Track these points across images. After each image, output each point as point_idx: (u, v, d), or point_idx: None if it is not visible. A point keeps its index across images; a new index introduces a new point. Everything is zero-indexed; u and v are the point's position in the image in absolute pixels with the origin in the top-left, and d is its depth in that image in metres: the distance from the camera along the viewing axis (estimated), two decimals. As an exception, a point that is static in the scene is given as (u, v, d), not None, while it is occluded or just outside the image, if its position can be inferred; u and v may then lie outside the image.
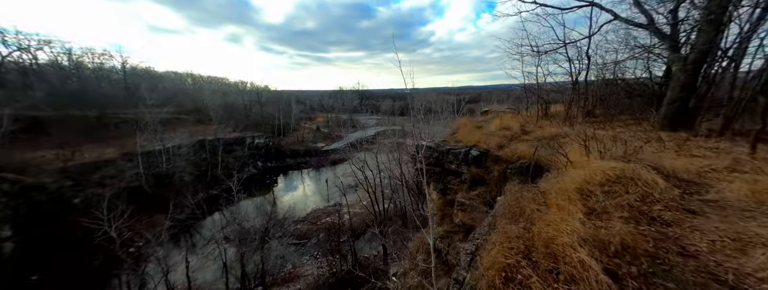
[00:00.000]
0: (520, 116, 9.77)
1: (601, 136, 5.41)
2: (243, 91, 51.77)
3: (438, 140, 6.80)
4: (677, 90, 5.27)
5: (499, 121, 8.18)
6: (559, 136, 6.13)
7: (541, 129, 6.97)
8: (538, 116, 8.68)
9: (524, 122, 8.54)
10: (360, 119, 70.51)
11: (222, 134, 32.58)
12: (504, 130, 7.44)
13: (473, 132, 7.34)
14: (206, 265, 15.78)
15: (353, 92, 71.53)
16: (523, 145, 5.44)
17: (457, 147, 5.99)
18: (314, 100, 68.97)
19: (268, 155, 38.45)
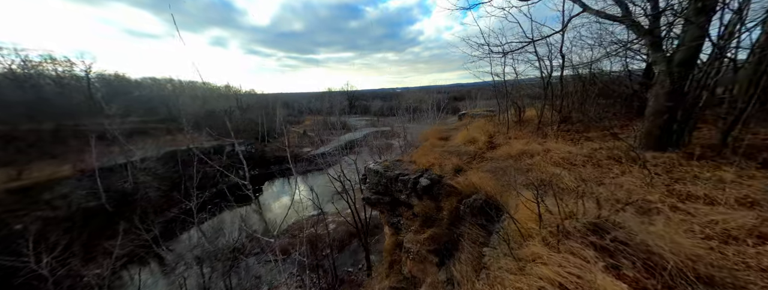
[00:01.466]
0: (493, 122, 8.74)
1: (572, 157, 4.32)
2: (225, 95, 49.65)
3: (391, 160, 5.67)
4: (662, 99, 4.20)
5: (466, 133, 7.10)
6: (525, 154, 5.06)
7: (509, 144, 5.88)
8: (508, 123, 7.61)
9: (495, 131, 7.48)
10: (350, 121, 69.00)
11: (197, 143, 30.72)
12: (469, 143, 6.37)
13: (432, 148, 6.23)
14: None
15: (342, 93, 69.88)
16: (480, 173, 4.32)
17: (407, 173, 4.86)
18: (302, 103, 67.14)
19: (250, 163, 36.76)
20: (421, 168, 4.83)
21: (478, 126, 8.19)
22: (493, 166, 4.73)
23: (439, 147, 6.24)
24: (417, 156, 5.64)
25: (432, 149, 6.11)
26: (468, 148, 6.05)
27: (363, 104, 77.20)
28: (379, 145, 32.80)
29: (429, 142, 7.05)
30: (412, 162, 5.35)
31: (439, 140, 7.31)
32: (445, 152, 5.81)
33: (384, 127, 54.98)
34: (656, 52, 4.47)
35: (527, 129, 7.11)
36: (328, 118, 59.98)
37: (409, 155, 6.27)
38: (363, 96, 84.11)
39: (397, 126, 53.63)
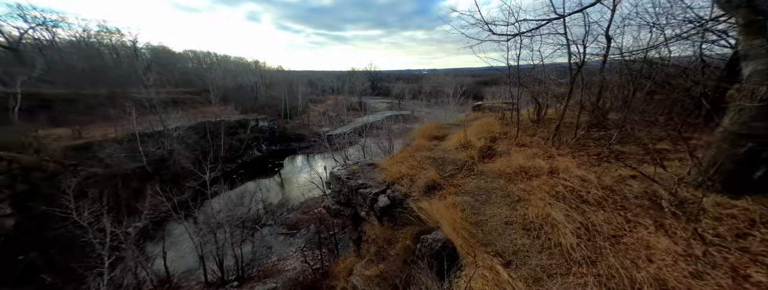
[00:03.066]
0: (505, 120, 7.20)
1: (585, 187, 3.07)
2: (254, 71, 51.03)
3: (361, 164, 4.82)
4: (750, 113, 2.64)
5: (463, 134, 5.83)
6: (524, 174, 3.85)
7: (509, 154, 4.61)
8: (518, 123, 6.04)
9: (501, 133, 6.09)
10: (370, 102, 67.84)
11: (225, 116, 32.53)
12: (462, 148, 5.20)
13: (415, 152, 5.20)
14: (191, 253, 15.79)
15: (364, 74, 67.92)
16: (454, 198, 3.30)
17: (369, 185, 4.06)
18: (325, 82, 67.02)
19: (272, 138, 38.47)
20: (388, 180, 3.96)
21: (483, 124, 6.80)
22: (476, 187, 3.67)
23: (424, 151, 5.19)
24: (391, 162, 4.72)
25: (414, 153, 5.08)
26: (458, 156, 4.89)
27: (385, 86, 74.78)
28: (398, 129, 31.67)
29: (417, 142, 5.95)
30: (383, 169, 4.48)
31: (429, 140, 6.16)
32: (427, 159, 4.77)
33: (404, 111, 53.05)
34: (753, 39, 2.75)
35: (543, 133, 5.62)
36: (350, 99, 59.49)
37: (387, 158, 5.35)
38: (386, 77, 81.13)
39: (419, 110, 51.34)
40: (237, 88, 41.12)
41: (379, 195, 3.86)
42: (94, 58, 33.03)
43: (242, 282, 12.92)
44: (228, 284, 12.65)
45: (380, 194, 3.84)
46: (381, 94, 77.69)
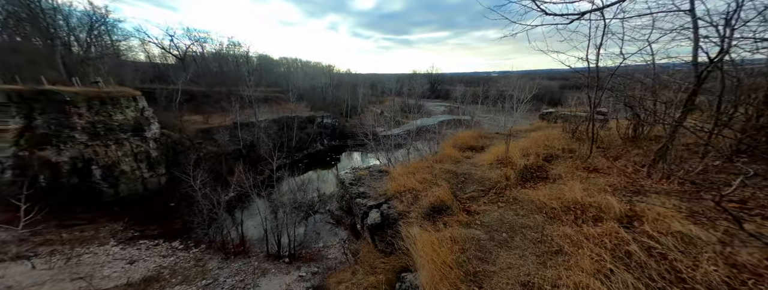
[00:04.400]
0: (574, 134, 5.36)
1: (692, 258, 1.85)
2: (325, 74, 57.64)
3: (374, 169, 4.43)
4: None
5: (503, 148, 4.63)
6: (579, 212, 2.61)
7: (565, 183, 3.27)
8: (593, 140, 4.32)
9: (565, 150, 4.52)
10: (427, 105, 66.14)
11: (298, 112, 37.91)
12: (499, 165, 4.11)
13: (436, 163, 4.39)
14: (259, 226, 18.92)
15: (424, 76, 66.68)
16: (459, 231, 2.49)
17: (367, 195, 3.63)
18: (385, 85, 69.40)
19: (333, 134, 42.52)
20: (389, 192, 3.43)
21: (542, 137, 5.27)
22: (499, 220, 2.73)
23: (447, 163, 4.35)
24: (404, 171, 4.12)
25: (433, 164, 4.31)
26: (489, 174, 3.87)
27: (445, 88, 71.33)
28: (452, 134, 29.60)
29: (445, 151, 5.09)
30: (391, 178, 3.96)
31: (460, 151, 5.16)
32: (447, 173, 3.96)
33: (463, 116, 49.24)
34: None
35: (637, 156, 3.83)
36: (407, 101, 59.63)
37: (399, 166, 4.72)
38: (447, 79, 77.24)
39: (480, 116, 46.57)
40: (311, 89, 47.34)
41: (372, 209, 3.37)
42: (223, 64, 44.47)
43: (292, 260, 14.42)
44: (281, 259, 14.38)
45: (374, 208, 3.31)
46: (440, 96, 74.68)
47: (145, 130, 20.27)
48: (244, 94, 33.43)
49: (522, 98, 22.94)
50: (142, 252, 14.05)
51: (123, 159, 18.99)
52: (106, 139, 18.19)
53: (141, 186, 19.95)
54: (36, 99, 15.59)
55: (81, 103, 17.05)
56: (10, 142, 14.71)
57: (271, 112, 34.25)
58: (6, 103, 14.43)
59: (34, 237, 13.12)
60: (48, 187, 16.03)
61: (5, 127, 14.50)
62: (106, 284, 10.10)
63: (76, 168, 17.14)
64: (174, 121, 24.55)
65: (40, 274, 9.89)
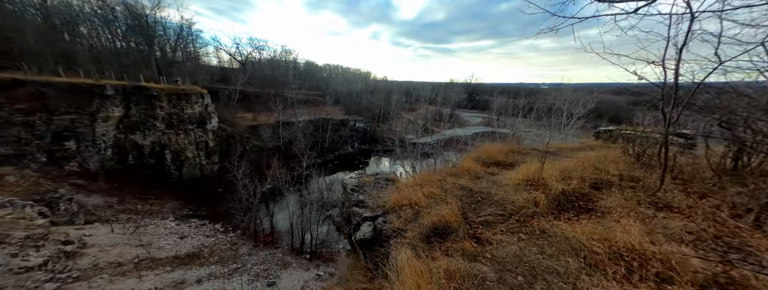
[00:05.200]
0: (641, 158, 4.39)
1: None
2: (362, 79, 59.85)
3: (381, 177, 4.22)
4: None
5: (534, 167, 4.01)
6: (636, 261, 2.07)
7: (616, 219, 2.66)
8: (664, 164, 3.35)
9: (623, 177, 3.74)
10: (463, 115, 63.59)
11: (333, 115, 39.93)
12: (528, 186, 3.58)
13: (449, 176, 3.94)
14: (287, 220, 20.27)
15: (462, 86, 64.40)
16: (456, 262, 2.17)
17: (366, 204, 3.42)
18: (421, 92, 69.03)
19: (364, 138, 43.62)
20: (389, 204, 3.15)
21: (593, 158, 4.44)
22: (516, 256, 2.33)
23: (464, 178, 3.87)
24: (411, 182, 3.78)
25: (446, 177, 3.91)
26: (514, 196, 3.39)
27: (484, 99, 67.77)
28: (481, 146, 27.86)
29: (465, 164, 4.57)
30: (397, 188, 3.69)
31: (483, 166, 4.53)
32: (461, 189, 3.56)
33: (502, 129, 45.99)
34: None
35: (732, 196, 2.95)
36: (441, 110, 58.25)
37: (409, 177, 4.36)
38: (488, 90, 73.33)
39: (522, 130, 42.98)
40: (347, 93, 49.57)
41: (366, 222, 3.09)
42: (275, 69, 49.64)
43: (312, 258, 14.93)
44: (303, 254, 15.03)
45: (368, 221, 3.04)
46: (478, 107, 71.22)
47: (206, 122, 23.56)
48: (288, 95, 36.65)
49: (575, 113, 20.30)
50: (192, 229, 16.08)
51: (188, 147, 22.30)
52: (177, 129, 21.62)
53: (199, 171, 23.10)
54: (133, 93, 19.38)
55: (164, 97, 20.65)
56: (113, 127, 18.49)
57: (309, 114, 36.72)
58: (114, 95, 18.26)
59: (118, 205, 16.11)
60: (134, 164, 19.67)
61: (111, 114, 18.29)
62: (160, 254, 11.79)
63: (154, 152, 20.69)
64: (229, 117, 28.06)
65: (116, 237, 12.06)
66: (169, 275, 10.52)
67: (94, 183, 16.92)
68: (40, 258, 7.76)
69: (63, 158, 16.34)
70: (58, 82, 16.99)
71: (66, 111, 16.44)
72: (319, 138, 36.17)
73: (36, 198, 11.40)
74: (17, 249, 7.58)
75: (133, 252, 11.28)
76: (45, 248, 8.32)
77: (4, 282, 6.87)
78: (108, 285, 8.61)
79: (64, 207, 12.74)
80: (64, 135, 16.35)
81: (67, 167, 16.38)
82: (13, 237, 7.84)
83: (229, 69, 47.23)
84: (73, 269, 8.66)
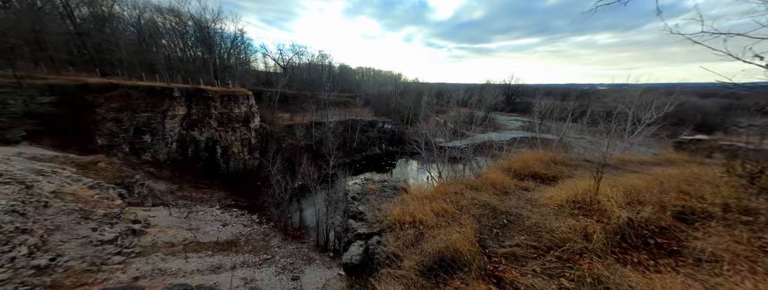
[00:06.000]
0: (739, 179, 3.11)
1: None
2: (392, 81, 59.78)
3: (389, 184, 3.64)
4: None
5: (586, 184, 3.07)
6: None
7: (704, 275, 1.78)
8: None
9: (712, 208, 2.65)
10: (500, 119, 59.03)
11: (363, 116, 40.56)
12: (577, 210, 2.72)
13: (462, 191, 3.21)
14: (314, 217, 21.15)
15: (499, 87, 59.70)
16: None
17: (364, 217, 2.86)
18: (453, 94, 66.35)
19: (391, 140, 43.42)
20: (389, 220, 2.64)
21: (670, 177, 3.27)
22: None
23: (489, 193, 3.02)
24: (420, 194, 3.18)
25: (467, 190, 3.24)
26: (555, 222, 2.61)
27: (526, 101, 61.92)
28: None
29: (491, 175, 3.79)
30: (403, 200, 3.13)
31: (514, 178, 3.45)
32: (484, 208, 2.88)
33: (546, 134, 41.30)
34: None
35: None
36: (475, 113, 54.91)
37: (423, 189, 3.62)
38: (530, 91, 66.81)
39: (572, 136, 38.10)
40: (377, 95, 49.97)
41: (357, 240, 2.57)
42: (312, 72, 52.75)
43: (335, 256, 15.24)
44: (327, 252, 15.32)
45: (359, 239, 2.53)
46: (517, 110, 65.42)
47: (250, 121, 25.93)
48: (321, 97, 38.42)
49: (644, 119, 16.60)
50: (233, 218, 17.67)
51: (234, 143, 24.81)
52: (227, 127, 24.19)
53: (242, 165, 25.52)
54: (194, 94, 22.25)
55: (217, 98, 23.31)
56: (178, 124, 21.46)
57: (340, 115, 37.87)
58: (179, 96, 21.19)
59: (178, 191, 18.59)
60: (192, 157, 22.61)
61: (177, 113, 21.26)
62: (204, 238, 13.14)
63: (208, 146, 23.49)
64: (269, 117, 30.50)
65: (172, 220, 13.84)
66: (210, 259, 11.60)
67: (162, 171, 19.84)
68: (113, 234, 9.17)
69: (141, 149, 19.50)
70: (141, 85, 20.42)
71: (144, 109, 19.61)
72: (348, 138, 37.13)
73: (117, 182, 13.69)
74: (97, 225, 9.08)
75: (184, 235, 12.76)
76: (118, 225, 9.84)
77: (85, 251, 8.24)
78: (161, 263, 9.80)
79: (138, 190, 15.09)
80: (142, 129, 19.51)
81: (143, 157, 19.49)
82: (96, 214, 9.44)
83: (273, 73, 51.65)
84: (136, 245, 10.07)
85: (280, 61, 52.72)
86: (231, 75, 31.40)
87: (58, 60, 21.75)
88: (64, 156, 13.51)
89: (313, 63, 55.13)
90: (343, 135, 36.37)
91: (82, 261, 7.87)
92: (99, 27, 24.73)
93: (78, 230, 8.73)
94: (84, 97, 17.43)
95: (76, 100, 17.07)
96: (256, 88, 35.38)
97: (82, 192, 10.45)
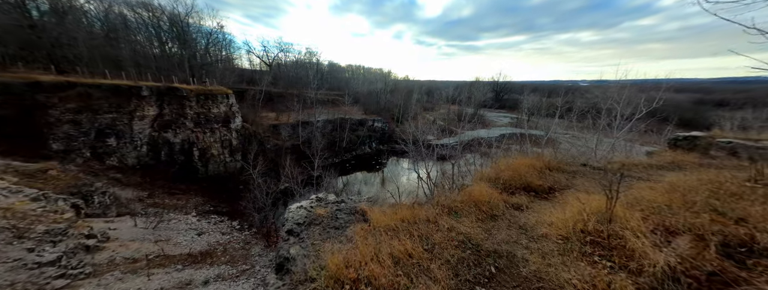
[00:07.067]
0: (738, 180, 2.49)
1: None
2: (382, 79, 58.73)
3: (346, 205, 2.85)
4: None
5: (595, 203, 2.39)
6: None
7: None
8: None
9: (761, 239, 2.06)
10: (489, 115, 59.39)
11: (352, 115, 39.45)
12: (584, 245, 2.03)
13: (436, 219, 2.36)
14: None
15: (488, 84, 59.96)
16: None
17: (292, 264, 1.91)
18: (443, 92, 66.19)
19: (381, 138, 42.58)
20: (325, 277, 1.82)
21: (690, 186, 2.59)
22: None
23: (470, 219, 2.33)
24: (382, 220, 2.47)
25: (442, 218, 2.50)
26: (564, 273, 1.86)
27: (513, 98, 62.57)
28: (517, 151, 25.28)
29: (476, 191, 3.05)
30: (356, 234, 2.33)
31: (504, 193, 3.01)
32: (465, 247, 2.18)
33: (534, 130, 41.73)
34: None
35: None
36: (465, 109, 54.92)
37: (383, 210, 2.71)
38: (517, 88, 67.64)
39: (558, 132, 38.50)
40: (367, 93, 48.88)
41: None
42: (299, 70, 50.90)
43: None
44: None
45: None
46: (506, 107, 66.07)
47: (231, 121, 24.36)
48: (308, 95, 36.98)
49: (625, 114, 16.65)
50: (210, 225, 16.38)
51: (213, 145, 23.24)
52: (204, 127, 22.58)
53: (223, 168, 23.99)
54: (166, 93, 20.52)
55: (192, 97, 21.64)
56: (148, 125, 19.73)
57: (328, 113, 36.64)
58: (149, 95, 19.45)
59: (148, 199, 17.05)
60: (166, 161, 20.93)
61: (147, 113, 19.52)
62: (175, 250, 11.91)
63: (183, 149, 21.83)
64: (253, 117, 28.91)
65: (137, 232, 12.49)
66: (178, 274, 10.43)
67: (131, 177, 18.17)
68: (55, 254, 7.88)
69: (105, 153, 17.73)
70: (104, 83, 18.53)
71: (108, 110, 17.80)
72: (336, 137, 35.97)
73: (72, 192, 12.16)
74: (35, 244, 7.77)
75: (150, 248, 11.48)
76: (63, 242, 8.53)
77: (17, 277, 6.97)
78: (116, 283, 8.60)
79: (99, 200, 13.56)
80: (106, 132, 17.72)
81: (108, 162, 17.75)
82: (34, 232, 8.10)
83: (258, 71, 49.44)
84: (87, 264, 8.79)
85: (265, 58, 50.58)
86: (209, 72, 29.48)
87: (7, 56, 19.44)
88: (5, 164, 11.83)
89: (300, 60, 53.23)
90: (331, 134, 35.20)
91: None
92: (59, 20, 22.36)
93: (9, 252, 7.41)
94: (34, 97, 15.52)
95: (24, 100, 15.17)
96: (238, 86, 33.53)
97: (20, 206, 9.02)
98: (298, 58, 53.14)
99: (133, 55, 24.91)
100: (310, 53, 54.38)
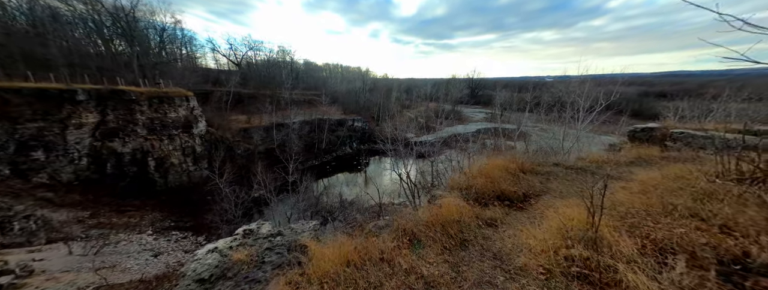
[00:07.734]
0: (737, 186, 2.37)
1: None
2: (360, 77, 57.75)
3: (279, 242, 2.32)
4: None
5: (576, 216, 2.07)
6: None
7: None
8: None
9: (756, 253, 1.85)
10: (465, 111, 61.15)
11: (330, 115, 38.08)
12: (563, 273, 1.60)
13: (395, 258, 1.80)
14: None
15: (464, 81, 61.72)
16: None
17: None
18: (421, 89, 66.77)
19: (362, 138, 41.73)
20: None
21: (665, 186, 2.29)
22: None
23: (435, 247, 1.91)
24: (317, 271, 1.92)
25: (398, 255, 1.97)
26: None
27: (487, 94, 65.03)
28: (492, 145, 25.83)
29: (445, 205, 2.59)
30: (298, 269, 1.86)
31: (477, 206, 2.60)
32: None
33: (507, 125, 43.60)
34: None
35: None
36: (443, 106, 55.91)
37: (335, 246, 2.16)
38: (490, 84, 70.52)
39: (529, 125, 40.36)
40: (346, 92, 47.61)
41: None
42: (271, 69, 48.03)
43: None
44: None
45: None
46: (481, 102, 68.56)
47: (193, 127, 22.01)
48: (283, 96, 34.96)
49: (586, 107, 17.73)
50: (170, 244, 14.51)
51: (173, 153, 20.80)
52: (161, 134, 20.10)
53: (186, 178, 21.62)
54: (110, 97, 17.86)
55: (144, 101, 19.10)
56: (88, 134, 17.01)
57: (305, 114, 34.97)
58: (86, 100, 16.75)
59: (90, 220, 14.65)
60: (114, 174, 18.25)
61: (85, 121, 16.81)
62: (122, 278, 10.20)
63: (136, 159, 19.23)
64: (220, 120, 26.51)
65: (73, 260, 10.53)
66: (125, 307, 8.91)
67: (67, 195, 15.50)
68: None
69: (30, 170, 14.92)
70: (25, 87, 15.57)
71: (31, 118, 14.98)
72: (315, 139, 34.43)
73: (-22, 219, 9.88)
74: None
75: (88, 279, 9.69)
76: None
77: None
78: (35, 330, 6.99)
79: (19, 226, 11.26)
80: (31, 144, 14.91)
81: (35, 179, 14.97)
82: None
83: (225, 71, 45.80)
84: (-7, 311, 7.05)
85: (233, 57, 47.03)
86: (165, 73, 26.43)
87: None
88: None
89: (273, 59, 50.28)
90: (309, 136, 33.61)
91: None
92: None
93: None
94: None
95: None
96: (202, 87, 30.62)
97: None
98: (270, 57, 50.18)
99: (67, 54, 21.42)
100: (283, 51, 51.63)
